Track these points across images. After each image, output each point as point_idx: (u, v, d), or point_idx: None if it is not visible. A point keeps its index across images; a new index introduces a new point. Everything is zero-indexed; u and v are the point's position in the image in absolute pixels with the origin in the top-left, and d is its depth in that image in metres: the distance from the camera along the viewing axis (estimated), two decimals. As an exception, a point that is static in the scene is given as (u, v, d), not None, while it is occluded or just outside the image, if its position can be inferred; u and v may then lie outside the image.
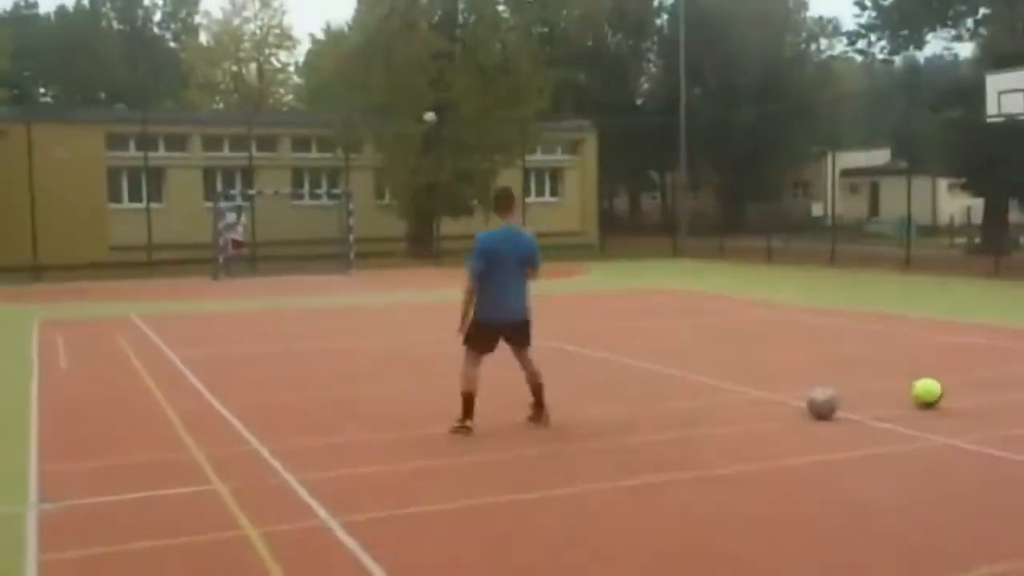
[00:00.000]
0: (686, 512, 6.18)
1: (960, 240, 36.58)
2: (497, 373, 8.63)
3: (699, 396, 9.73)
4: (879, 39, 34.90)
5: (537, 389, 8.39)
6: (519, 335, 8.29)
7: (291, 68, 62.48)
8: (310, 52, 56.31)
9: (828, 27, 59.04)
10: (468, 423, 8.02)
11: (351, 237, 28.48)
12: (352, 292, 22.82)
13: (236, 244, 28.19)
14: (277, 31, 59.11)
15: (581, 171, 41.43)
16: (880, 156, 55.78)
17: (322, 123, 34.97)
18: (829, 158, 37.39)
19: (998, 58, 27.11)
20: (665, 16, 55.49)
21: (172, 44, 64.09)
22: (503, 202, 8.43)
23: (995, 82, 22.00)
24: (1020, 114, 21.41)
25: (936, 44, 73.00)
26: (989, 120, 22.40)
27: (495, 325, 8.14)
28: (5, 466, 7.58)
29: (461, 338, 8.18)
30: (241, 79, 60.10)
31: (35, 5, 65.01)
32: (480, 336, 8.15)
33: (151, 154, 31.79)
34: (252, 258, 29.58)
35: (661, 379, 10.74)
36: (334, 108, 34.29)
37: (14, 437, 8.43)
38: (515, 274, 8.19)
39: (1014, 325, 15.29)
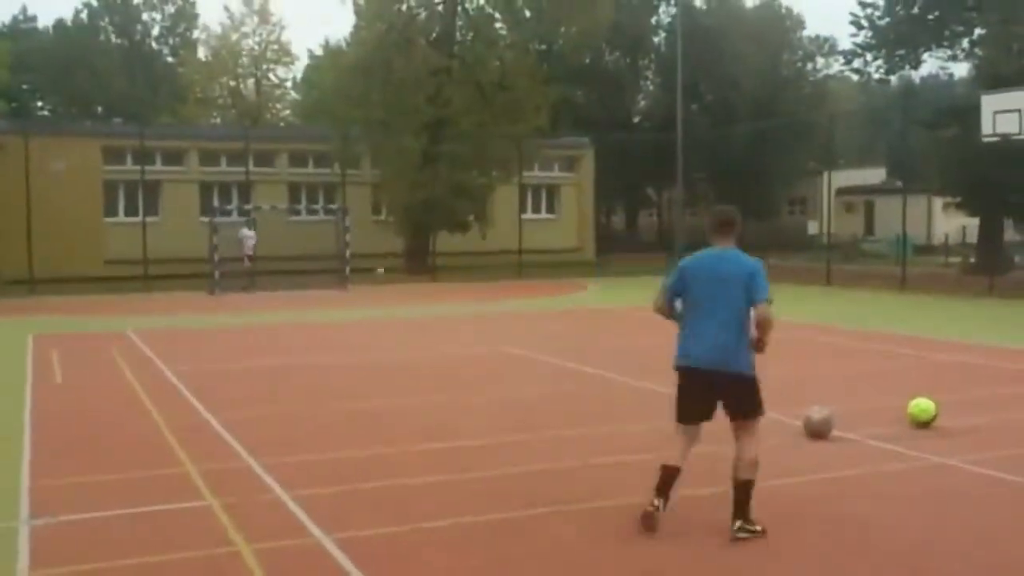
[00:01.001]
0: (687, 529, 6.15)
1: (955, 259, 36.63)
2: (499, 393, 8.60)
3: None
4: (875, 58, 35.04)
5: (742, 486, 6.03)
6: (732, 393, 6.06)
7: (289, 84, 62.64)
8: (308, 68, 56.53)
9: (824, 46, 59.26)
10: (655, 502, 6.04)
11: (347, 252, 28.49)
12: (348, 307, 22.80)
13: (245, 259, 28.87)
14: (275, 47, 59.19)
15: (578, 188, 41.52)
16: (875, 175, 55.94)
17: (319, 138, 35.04)
18: (825, 176, 37.49)
19: (993, 78, 27.21)
20: (662, 34, 55.73)
21: (170, 59, 64.14)
22: (717, 224, 6.42)
23: (990, 102, 22.08)
24: (1015, 134, 21.47)
25: (932, 64, 73.32)
26: (984, 140, 22.47)
27: (693, 373, 6.15)
28: (-3, 481, 7.55)
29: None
30: (239, 94, 60.14)
31: (34, 19, 65.17)
32: (680, 390, 6.26)
33: (148, 168, 31.80)
34: (250, 273, 29.57)
35: (659, 398, 10.69)
36: (332, 124, 34.38)
37: (7, 451, 8.39)
38: (720, 306, 6.09)
39: (1009, 344, 15.29)
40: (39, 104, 62.67)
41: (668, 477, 6.12)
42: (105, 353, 14.57)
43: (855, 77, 40.72)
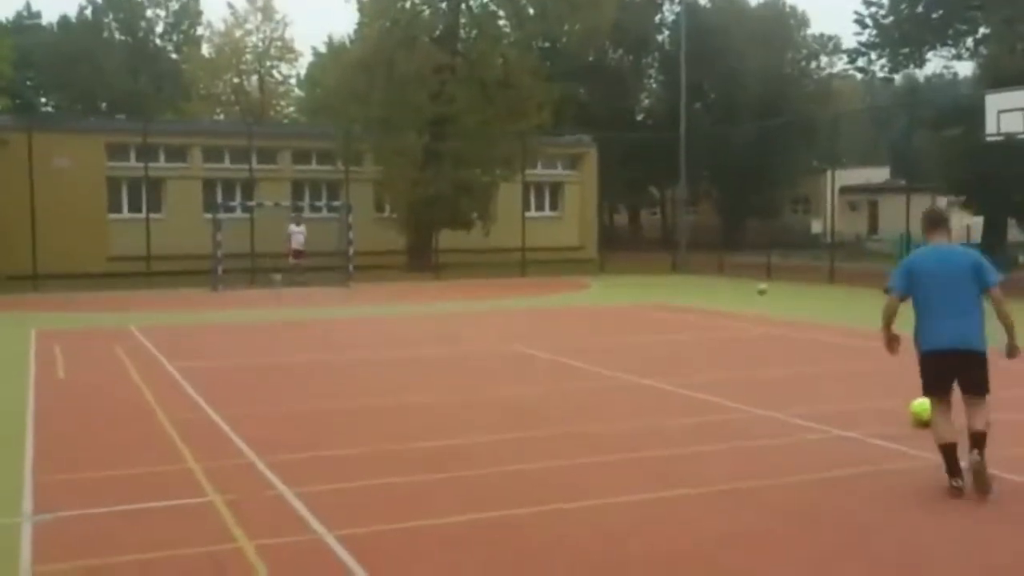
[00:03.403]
0: (690, 527, 6.15)
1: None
2: (506, 388, 8.59)
3: (699, 413, 9.70)
4: (879, 57, 35.09)
5: (978, 437, 6.91)
6: (967, 371, 7.09)
7: (292, 80, 62.68)
8: (312, 65, 56.48)
9: (829, 45, 59.34)
10: (956, 482, 6.76)
11: (350, 250, 28.50)
12: (351, 305, 22.81)
13: (296, 254, 29.15)
14: (279, 43, 59.24)
15: (581, 186, 41.47)
16: (879, 173, 55.91)
17: (323, 135, 35.02)
18: (828, 175, 37.46)
19: (997, 77, 27.19)
20: (666, 32, 55.74)
21: (174, 55, 64.18)
22: (928, 222, 7.37)
23: (994, 101, 22.06)
24: (1019, 133, 21.44)
25: (936, 63, 73.53)
26: (988, 139, 22.45)
27: (936, 356, 7.13)
28: (0, 477, 7.55)
29: (891, 354, 7.50)
30: (242, 91, 60.18)
31: (38, 15, 65.13)
32: (927, 372, 7.21)
33: (151, 165, 31.80)
34: (252, 270, 29.59)
35: (662, 395, 10.72)
36: (335, 121, 34.38)
37: (9, 447, 8.40)
38: (951, 295, 7.07)
39: (1013, 344, 15.24)
40: (43, 100, 62.66)
41: (950, 454, 6.89)
42: (108, 349, 14.58)
43: (859, 76, 40.77)
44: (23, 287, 26.70)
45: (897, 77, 41.13)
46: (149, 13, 64.45)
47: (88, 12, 63.36)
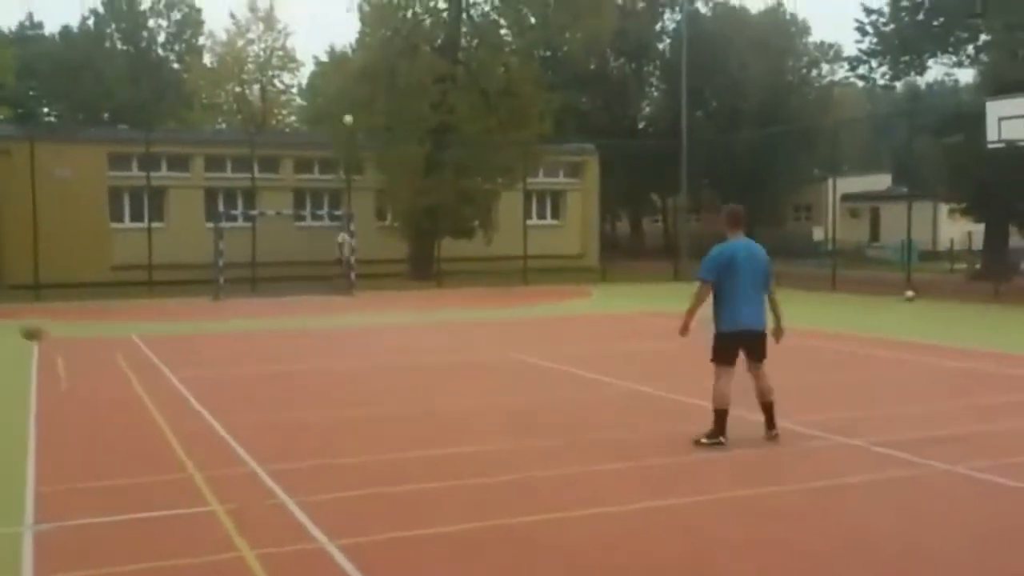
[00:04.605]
0: (692, 535, 6.14)
1: (960, 265, 36.57)
2: (502, 397, 8.59)
3: (700, 420, 9.67)
4: (880, 65, 35.08)
5: (767, 407, 8.52)
6: (755, 347, 8.51)
7: (294, 90, 62.79)
8: (313, 74, 56.63)
9: (830, 52, 59.33)
10: (722, 439, 8.27)
11: (353, 258, 28.50)
12: (354, 313, 22.81)
13: (337, 262, 29.86)
14: (281, 53, 59.35)
15: (582, 194, 41.52)
16: (881, 181, 55.91)
17: (324, 144, 35.08)
18: (830, 183, 37.45)
19: (999, 84, 27.18)
20: (667, 40, 55.81)
21: (176, 65, 64.27)
22: (734, 220, 8.73)
23: (995, 108, 22.05)
24: (1020, 140, 21.43)
25: (937, 70, 73.40)
26: (990, 146, 22.43)
27: (735, 336, 8.43)
28: (1, 486, 7.54)
29: (682, 336, 8.60)
30: (244, 100, 60.28)
31: (40, 24, 65.29)
32: (724, 349, 8.47)
33: (153, 174, 31.84)
34: (253, 279, 29.60)
35: (663, 403, 10.71)
36: (337, 129, 34.46)
37: (11, 456, 8.39)
38: (751, 286, 8.42)
39: (1014, 351, 15.25)
40: (45, 110, 62.79)
41: (723, 418, 8.37)
42: (110, 358, 14.58)
43: (860, 83, 40.83)
44: (25, 297, 26.70)
45: (898, 85, 41.13)
46: (151, 23, 64.55)
47: (90, 22, 63.46)
